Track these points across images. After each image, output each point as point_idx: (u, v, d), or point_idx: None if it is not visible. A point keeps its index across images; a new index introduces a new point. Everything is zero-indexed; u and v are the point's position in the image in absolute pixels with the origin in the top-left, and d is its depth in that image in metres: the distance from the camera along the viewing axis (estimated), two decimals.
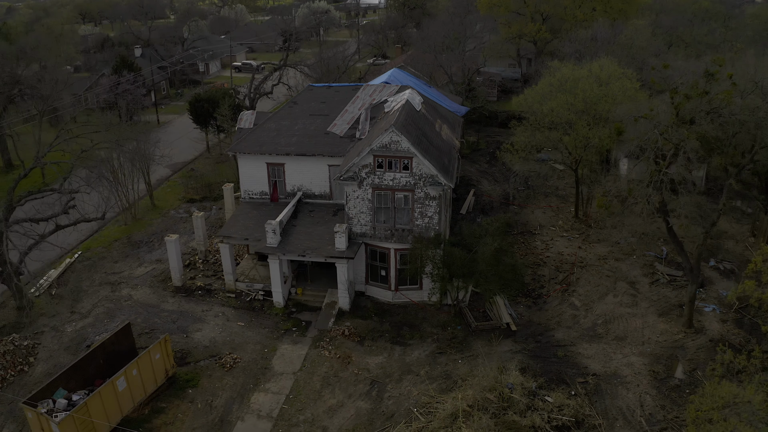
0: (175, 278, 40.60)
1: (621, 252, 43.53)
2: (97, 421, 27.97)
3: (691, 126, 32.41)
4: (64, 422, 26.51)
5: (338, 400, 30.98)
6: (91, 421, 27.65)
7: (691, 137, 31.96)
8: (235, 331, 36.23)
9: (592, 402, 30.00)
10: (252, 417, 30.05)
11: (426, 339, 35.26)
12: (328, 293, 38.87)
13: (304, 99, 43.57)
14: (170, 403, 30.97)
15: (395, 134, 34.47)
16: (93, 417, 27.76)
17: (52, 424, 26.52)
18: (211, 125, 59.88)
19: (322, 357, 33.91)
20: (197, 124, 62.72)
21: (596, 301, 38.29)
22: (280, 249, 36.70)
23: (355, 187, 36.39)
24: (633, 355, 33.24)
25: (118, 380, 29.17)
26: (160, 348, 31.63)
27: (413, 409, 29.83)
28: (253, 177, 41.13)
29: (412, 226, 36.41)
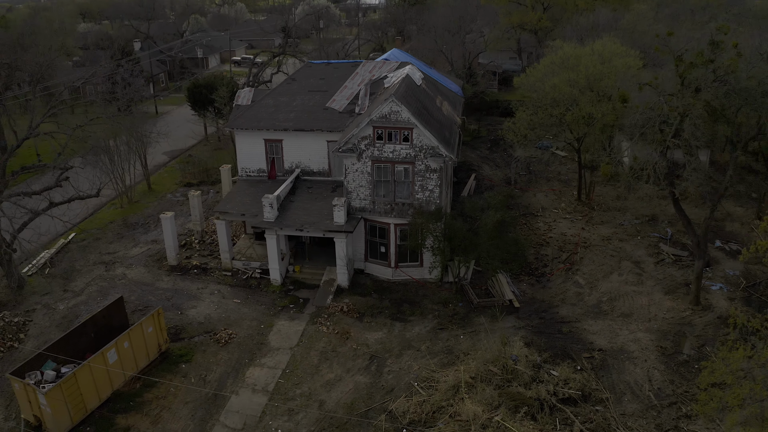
0: (171, 257, 39.36)
1: (625, 233, 42.31)
2: (86, 393, 26.74)
3: (697, 94, 31.29)
4: (51, 393, 25.26)
5: (336, 374, 29.73)
6: (79, 393, 26.40)
7: (697, 104, 30.81)
8: (230, 308, 35.00)
9: (598, 376, 28.73)
10: (247, 391, 28.78)
11: (427, 315, 34.03)
12: (326, 271, 37.64)
13: (302, 75, 42.43)
14: (163, 377, 29.69)
15: (395, 104, 33.31)
16: (82, 389, 26.50)
17: (39, 395, 25.26)
18: (209, 111, 58.58)
19: (319, 332, 32.67)
20: (195, 110, 61.51)
21: (601, 279, 37.07)
22: (278, 224, 35.49)
23: (354, 160, 35.20)
24: (639, 332, 31.99)
25: (108, 352, 27.91)
26: (152, 321, 30.38)
27: (414, 383, 28.56)
28: (251, 154, 39.93)
29: (413, 200, 35.20)
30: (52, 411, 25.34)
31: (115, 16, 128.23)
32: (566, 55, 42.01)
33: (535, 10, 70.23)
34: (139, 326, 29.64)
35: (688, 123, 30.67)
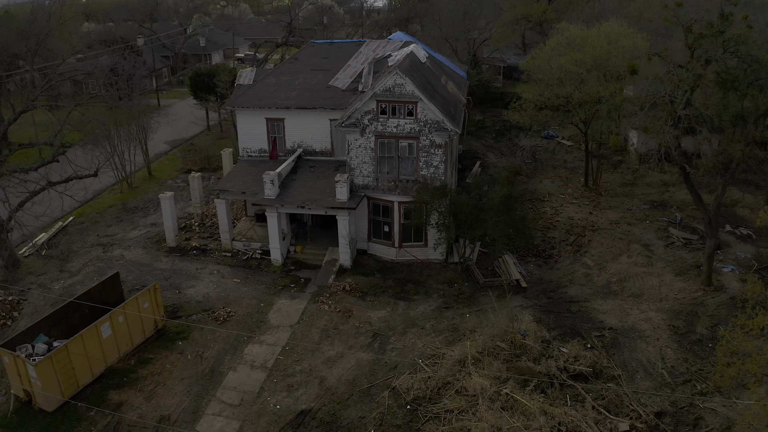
0: (170, 238, 38.21)
1: (633, 218, 41.05)
2: (79, 367, 25.55)
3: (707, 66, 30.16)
4: (42, 365, 24.06)
5: (338, 351, 28.50)
6: (71, 367, 25.21)
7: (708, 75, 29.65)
8: (230, 287, 33.83)
9: (609, 354, 27.45)
10: (245, 367, 27.56)
11: (431, 295, 32.80)
12: (328, 251, 36.46)
13: (305, 55, 41.36)
14: (158, 354, 28.50)
15: (399, 77, 32.19)
16: (74, 363, 25.32)
17: (29, 367, 24.07)
18: (211, 98, 57.42)
19: (321, 311, 31.47)
20: (197, 98, 60.42)
21: (609, 261, 35.81)
22: (279, 201, 34.33)
23: (357, 135, 34.07)
24: (651, 311, 30.72)
25: (102, 325, 26.76)
26: (149, 296, 29.23)
27: (418, 360, 27.33)
28: (252, 133, 38.79)
29: (417, 177, 34.04)
30: (43, 384, 24.15)
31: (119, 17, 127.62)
32: (572, 36, 40.89)
33: (539, 1, 69.15)
34: (134, 300, 28.49)
35: (699, 93, 29.53)
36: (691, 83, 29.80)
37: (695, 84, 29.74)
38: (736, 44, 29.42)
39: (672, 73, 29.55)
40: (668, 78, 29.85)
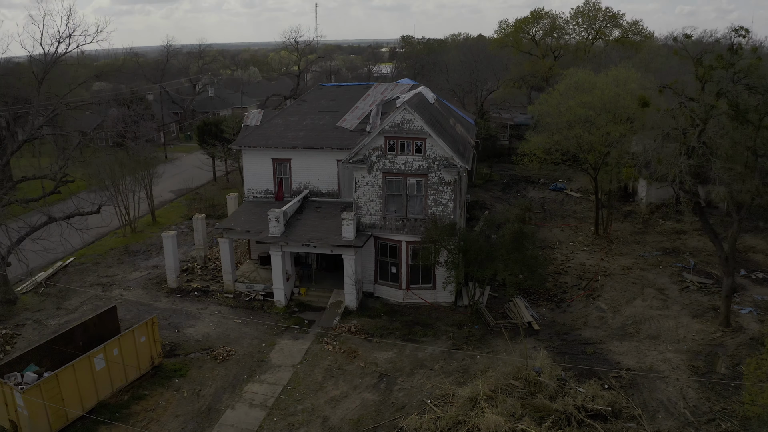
0: (171, 278, 37.17)
1: (646, 263, 39.97)
2: (68, 399, 24.12)
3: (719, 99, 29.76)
4: (30, 393, 22.73)
5: (342, 391, 27.02)
6: (61, 398, 23.80)
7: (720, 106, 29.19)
8: (230, 327, 32.57)
9: (628, 395, 25.92)
10: (243, 406, 26.06)
11: (440, 337, 31.46)
12: (333, 294, 35.29)
13: (313, 97, 41.25)
14: (153, 390, 27.08)
15: (408, 112, 31.83)
16: (63, 393, 23.94)
17: (16, 394, 22.74)
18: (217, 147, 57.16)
19: (325, 351, 30.11)
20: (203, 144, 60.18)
21: (624, 304, 34.55)
22: (283, 239, 33.43)
23: (365, 173, 33.45)
24: (669, 352, 29.31)
25: (95, 357, 25.47)
26: (146, 330, 27.99)
27: (427, 401, 25.84)
28: (258, 174, 38.27)
29: (426, 215, 33.20)
30: (30, 414, 22.74)
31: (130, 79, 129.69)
32: (580, 80, 40.79)
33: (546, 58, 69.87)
34: (130, 333, 27.27)
35: (712, 123, 29.02)
36: (704, 116, 29.35)
37: (707, 116, 29.27)
38: (746, 74, 29.10)
39: (684, 104, 29.11)
40: (680, 111, 29.41)
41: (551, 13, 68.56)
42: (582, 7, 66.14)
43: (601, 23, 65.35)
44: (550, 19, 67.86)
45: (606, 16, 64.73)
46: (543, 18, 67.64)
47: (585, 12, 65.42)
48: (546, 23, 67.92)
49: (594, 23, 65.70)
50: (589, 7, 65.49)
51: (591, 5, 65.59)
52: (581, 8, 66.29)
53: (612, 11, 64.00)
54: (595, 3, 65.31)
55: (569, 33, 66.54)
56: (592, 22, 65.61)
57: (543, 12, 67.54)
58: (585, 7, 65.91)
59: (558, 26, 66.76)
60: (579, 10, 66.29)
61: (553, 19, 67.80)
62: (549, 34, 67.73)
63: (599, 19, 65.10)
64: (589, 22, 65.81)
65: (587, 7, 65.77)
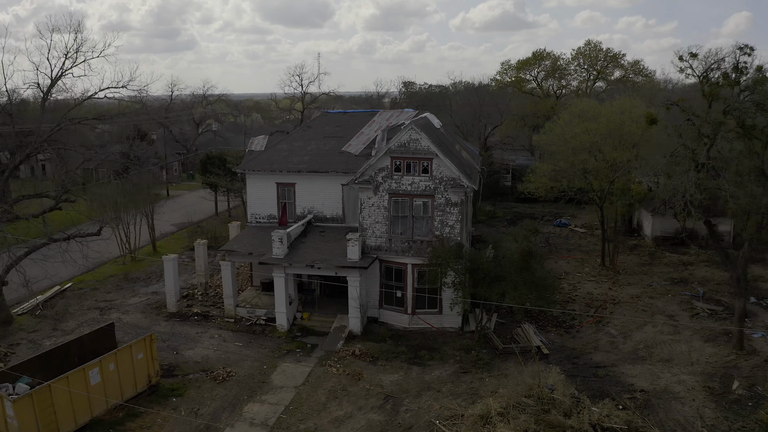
0: (170, 303, 36.29)
1: (654, 292, 39.21)
2: (61, 412, 23.05)
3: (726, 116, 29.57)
4: (21, 402, 21.74)
5: (346, 411, 25.91)
6: (53, 411, 22.75)
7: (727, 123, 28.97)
8: (231, 350, 31.58)
9: (643, 415, 24.85)
10: (243, 425, 24.94)
11: (447, 360, 30.45)
12: (336, 319, 34.36)
13: (318, 123, 41.10)
14: (149, 408, 25.93)
15: (415, 132, 31.57)
16: (56, 406, 22.89)
17: (6, 404, 21.72)
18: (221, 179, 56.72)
19: (328, 374, 29.06)
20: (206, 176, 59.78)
21: (634, 330, 33.65)
22: (287, 260, 32.74)
23: (371, 194, 32.99)
24: (683, 374, 28.32)
25: (91, 371, 24.49)
26: (143, 346, 27.04)
27: (435, 422, 24.74)
28: (262, 199, 37.78)
29: (432, 237, 32.58)
30: (20, 425, 21.67)
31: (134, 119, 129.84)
32: (585, 108, 40.74)
33: (548, 98, 70.19)
34: (128, 348, 26.33)
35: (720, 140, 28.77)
36: (712, 133, 29.12)
37: (716, 133, 29.02)
38: (753, 91, 28.98)
39: (692, 121, 28.88)
40: (688, 128, 29.18)
41: (553, 54, 69.47)
42: (583, 48, 67.03)
43: (603, 64, 66.14)
44: (552, 60, 68.62)
45: (607, 57, 65.55)
46: (545, 59, 68.40)
47: (586, 53, 66.25)
48: (548, 64, 68.62)
49: (595, 64, 66.47)
50: (591, 48, 66.35)
51: (592, 46, 66.48)
52: (582, 49, 67.18)
53: (613, 52, 65.01)
54: (596, 44, 66.25)
55: (571, 74, 67.32)
56: (593, 63, 66.37)
57: (545, 53, 68.35)
58: (586, 48, 66.79)
59: (560, 67, 67.45)
60: (580, 51, 67.15)
61: (554, 60, 68.57)
62: (551, 75, 68.38)
63: (600, 59, 65.89)
64: (591, 63, 66.57)
65: (588, 48, 66.62)
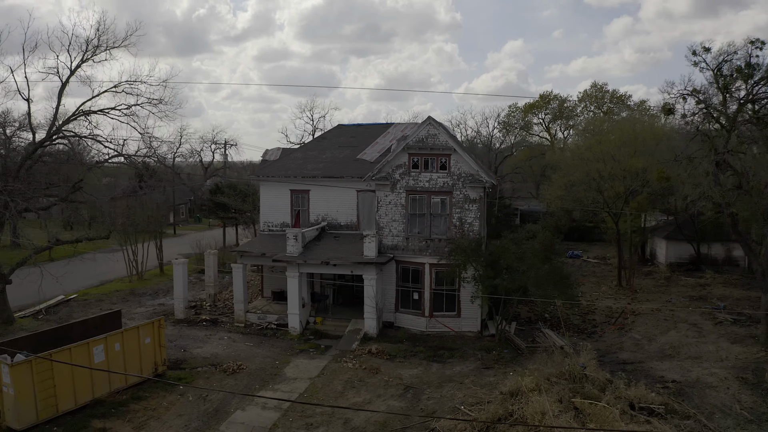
0: (178, 309, 34.49)
1: (674, 306, 37.33)
2: (61, 387, 21.09)
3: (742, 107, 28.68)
4: (19, 369, 19.90)
5: (365, 398, 23.88)
6: (52, 384, 20.83)
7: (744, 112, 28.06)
8: (241, 349, 29.64)
9: (679, 401, 22.82)
10: (255, 408, 22.88)
11: (468, 358, 28.45)
12: (351, 323, 32.48)
13: (332, 135, 40.23)
14: (155, 393, 23.93)
15: (433, 127, 30.63)
16: (56, 379, 20.99)
17: (3, 368, 19.86)
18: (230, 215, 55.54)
19: (344, 368, 27.07)
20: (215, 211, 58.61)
21: (658, 335, 31.71)
22: (301, 258, 31.17)
23: (388, 191, 31.75)
24: (714, 368, 26.26)
25: (95, 347, 22.66)
26: (151, 331, 25.25)
27: (460, 407, 22.70)
28: (275, 207, 36.45)
29: (450, 235, 31.11)
30: (16, 394, 19.74)
31: None
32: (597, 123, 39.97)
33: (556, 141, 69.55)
34: (135, 330, 24.54)
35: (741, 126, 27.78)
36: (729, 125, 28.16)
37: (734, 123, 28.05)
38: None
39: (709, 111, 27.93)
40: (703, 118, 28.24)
41: (559, 96, 69.54)
42: (590, 90, 67.16)
43: (609, 105, 65.95)
44: (559, 102, 68.59)
45: (613, 98, 65.48)
46: (552, 101, 68.37)
47: (592, 95, 66.29)
48: (555, 106, 68.51)
49: (602, 105, 66.30)
50: (597, 89, 66.45)
51: (598, 88, 66.58)
52: (589, 91, 67.29)
53: (619, 93, 64.97)
54: (602, 86, 66.35)
55: (578, 115, 67.08)
56: (600, 104, 66.22)
57: (551, 95, 68.43)
58: (593, 90, 66.91)
59: (566, 108, 67.34)
60: (587, 93, 67.27)
61: (561, 102, 68.56)
62: (558, 117, 68.17)
63: (606, 101, 65.81)
64: (597, 104, 66.44)
65: (595, 90, 66.73)
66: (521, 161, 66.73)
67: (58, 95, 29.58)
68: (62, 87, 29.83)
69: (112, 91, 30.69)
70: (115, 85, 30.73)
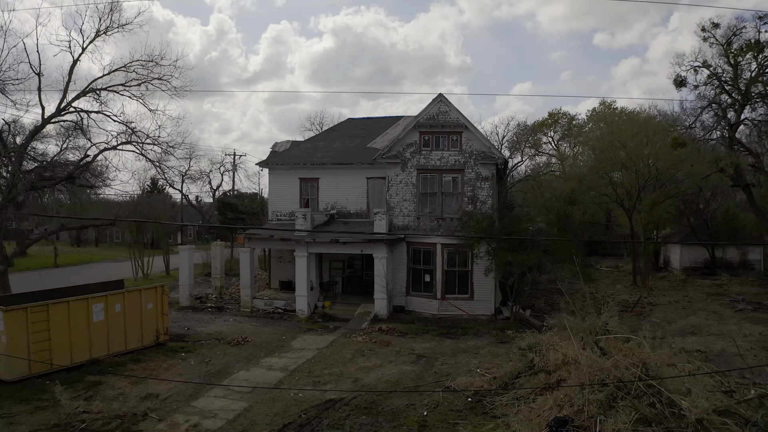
0: (183, 296, 33.14)
1: (692, 299, 35.74)
2: (56, 340, 19.71)
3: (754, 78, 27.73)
4: (13, 315, 18.59)
5: (375, 363, 22.33)
6: (48, 336, 19.46)
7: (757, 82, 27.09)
8: (247, 327, 28.21)
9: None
10: (260, 369, 21.41)
11: (482, 336, 26.89)
12: (360, 306, 31.04)
13: (342, 127, 39.34)
14: (155, 357, 22.48)
15: (444, 104, 29.71)
16: (52, 332, 19.63)
17: None
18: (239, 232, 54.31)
19: (353, 342, 25.53)
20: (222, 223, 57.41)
21: (678, 319, 30.12)
22: (310, 236, 29.92)
23: (398, 170, 30.64)
24: (738, 341, 24.61)
25: (95, 304, 21.33)
26: (154, 296, 23.99)
27: (476, 370, 21.14)
28: (284, 195, 35.31)
29: (462, 215, 29.84)
30: (9, 342, 18.37)
31: None
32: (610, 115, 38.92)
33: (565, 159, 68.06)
34: (137, 293, 23.27)
35: None
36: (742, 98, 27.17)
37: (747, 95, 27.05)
38: None
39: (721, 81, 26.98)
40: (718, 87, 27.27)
41: (568, 113, 68.63)
42: (598, 109, 66.21)
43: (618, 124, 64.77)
44: (568, 119, 67.67)
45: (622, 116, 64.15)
46: (561, 118, 67.42)
47: (601, 112, 65.26)
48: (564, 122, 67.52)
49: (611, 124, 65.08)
50: (605, 107, 65.49)
51: (606, 105, 65.66)
52: (598, 109, 66.36)
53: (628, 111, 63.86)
54: (610, 103, 65.48)
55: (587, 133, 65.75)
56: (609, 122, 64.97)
57: (560, 113, 67.55)
58: (601, 107, 66.01)
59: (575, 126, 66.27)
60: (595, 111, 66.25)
61: (570, 119, 67.65)
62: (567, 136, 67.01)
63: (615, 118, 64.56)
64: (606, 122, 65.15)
65: (603, 108, 65.76)
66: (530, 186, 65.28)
67: (69, 71, 28.93)
68: (73, 64, 29.20)
69: (123, 70, 30.01)
70: (126, 65, 30.07)
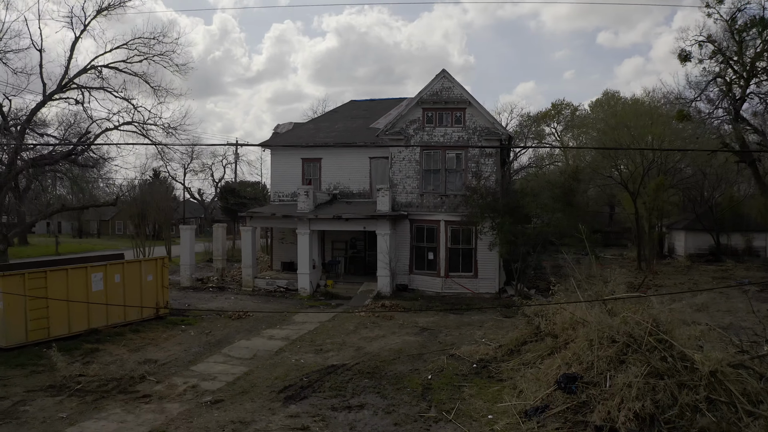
0: (184, 276, 32.68)
1: (698, 282, 35.24)
2: (54, 309, 19.20)
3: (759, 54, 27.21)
4: (10, 280, 18.15)
5: (378, 334, 21.82)
6: (45, 303, 18.94)
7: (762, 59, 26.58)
8: (248, 304, 27.75)
9: None
10: (261, 339, 20.91)
11: (487, 311, 26.33)
12: (363, 285, 30.50)
13: (345, 108, 38.82)
14: (154, 328, 21.99)
15: (447, 80, 29.20)
16: (49, 300, 19.10)
17: None
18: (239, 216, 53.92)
19: (356, 316, 25.01)
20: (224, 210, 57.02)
21: (685, 298, 29.52)
22: (312, 213, 29.41)
23: (401, 147, 30.12)
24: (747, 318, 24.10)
25: (94, 273, 20.85)
26: (154, 268, 23.50)
27: (480, 340, 20.61)
28: (286, 175, 34.76)
29: (466, 192, 29.30)
30: (5, 308, 17.89)
31: None
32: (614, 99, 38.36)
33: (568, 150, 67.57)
34: (137, 264, 22.84)
35: None
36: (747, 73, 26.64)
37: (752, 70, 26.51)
38: None
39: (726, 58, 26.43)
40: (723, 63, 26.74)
41: (572, 104, 67.92)
42: (602, 99, 65.56)
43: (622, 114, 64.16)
44: (572, 110, 67.00)
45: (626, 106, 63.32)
46: (564, 109, 66.79)
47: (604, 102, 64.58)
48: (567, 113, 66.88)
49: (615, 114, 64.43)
50: (609, 97, 64.84)
51: (610, 95, 65.05)
52: (600, 100, 65.71)
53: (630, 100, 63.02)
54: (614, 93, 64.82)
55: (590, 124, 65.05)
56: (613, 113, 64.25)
57: (563, 103, 66.90)
58: (604, 98, 65.36)
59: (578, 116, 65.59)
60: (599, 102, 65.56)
61: (573, 110, 66.94)
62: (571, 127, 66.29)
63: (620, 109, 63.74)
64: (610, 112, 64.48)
65: (606, 98, 65.13)
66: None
67: (70, 48, 28.57)
68: (75, 40, 28.82)
69: (125, 48, 29.62)
70: (128, 41, 29.69)
